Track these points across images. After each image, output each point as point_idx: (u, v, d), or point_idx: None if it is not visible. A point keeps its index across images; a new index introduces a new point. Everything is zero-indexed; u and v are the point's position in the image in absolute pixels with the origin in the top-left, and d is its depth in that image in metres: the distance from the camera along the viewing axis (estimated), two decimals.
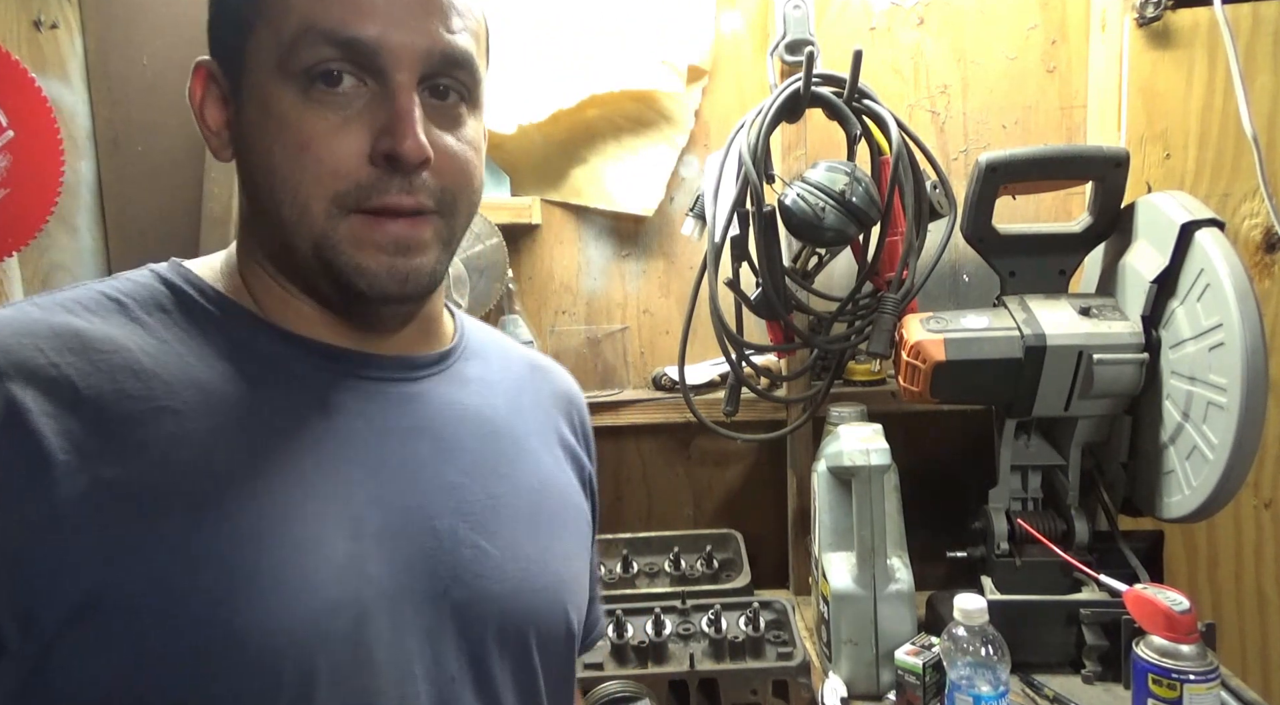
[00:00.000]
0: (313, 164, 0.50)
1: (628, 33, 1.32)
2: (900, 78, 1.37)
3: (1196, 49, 1.26)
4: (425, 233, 0.54)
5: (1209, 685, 0.81)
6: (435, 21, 0.52)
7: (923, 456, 1.32)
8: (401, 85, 0.51)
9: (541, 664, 0.61)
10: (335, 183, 0.51)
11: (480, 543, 0.57)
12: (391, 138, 0.50)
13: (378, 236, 0.52)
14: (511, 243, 1.36)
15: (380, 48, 0.50)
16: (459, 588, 0.56)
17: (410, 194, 0.52)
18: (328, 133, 0.50)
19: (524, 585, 0.59)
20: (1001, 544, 1.07)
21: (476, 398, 0.64)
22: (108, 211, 1.31)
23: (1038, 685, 1.01)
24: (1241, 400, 0.89)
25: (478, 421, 0.62)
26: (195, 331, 0.52)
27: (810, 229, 1.08)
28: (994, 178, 1.07)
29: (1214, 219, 0.96)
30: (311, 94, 0.50)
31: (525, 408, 0.69)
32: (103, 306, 0.51)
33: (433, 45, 0.52)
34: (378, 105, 0.51)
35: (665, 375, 1.39)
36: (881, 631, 1.04)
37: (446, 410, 0.61)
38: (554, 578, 0.63)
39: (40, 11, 1.26)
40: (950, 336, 1.03)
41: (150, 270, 0.55)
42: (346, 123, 0.51)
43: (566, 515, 0.68)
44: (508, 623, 0.58)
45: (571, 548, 0.67)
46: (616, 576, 1.26)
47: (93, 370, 0.47)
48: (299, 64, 0.50)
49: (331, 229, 0.52)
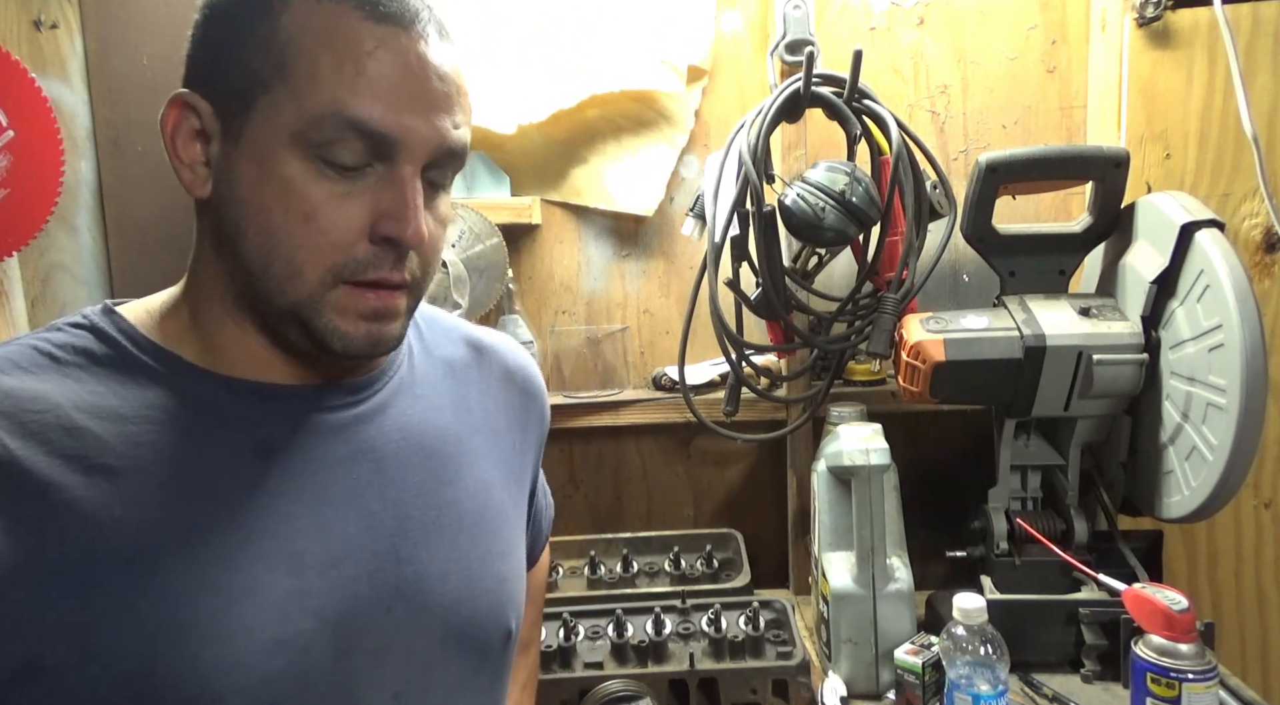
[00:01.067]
0: (316, 234, 0.52)
1: (627, 32, 1.32)
2: (900, 78, 1.37)
3: (1196, 49, 1.26)
4: (401, 303, 0.57)
5: (1207, 684, 0.81)
6: (445, 117, 0.54)
7: (923, 456, 1.32)
8: (409, 174, 0.54)
9: (483, 666, 0.64)
10: (335, 254, 0.53)
11: (421, 557, 0.60)
12: (396, 224, 0.53)
13: (361, 306, 0.54)
14: (511, 243, 1.36)
15: (399, 141, 0.52)
16: (401, 604, 0.58)
17: (399, 270, 0.55)
18: (334, 207, 0.52)
19: (465, 593, 0.62)
20: (1001, 544, 1.07)
21: (419, 405, 0.65)
22: (108, 211, 1.31)
23: (1037, 684, 1.02)
24: (1241, 401, 0.89)
25: (420, 433, 0.63)
26: (129, 382, 0.53)
27: (810, 229, 1.09)
28: (994, 178, 1.07)
29: (1214, 219, 0.96)
30: (321, 167, 0.52)
31: (470, 400, 0.70)
32: (35, 363, 0.51)
33: (442, 141, 0.54)
34: (383, 187, 0.53)
35: (665, 375, 1.39)
36: (881, 631, 1.04)
37: (388, 428, 0.62)
38: (495, 580, 0.65)
39: (40, 11, 1.26)
40: (950, 336, 1.03)
41: (84, 317, 0.55)
42: (351, 199, 0.53)
43: (506, 510, 0.70)
44: (450, 632, 0.61)
45: (513, 538, 0.70)
46: (616, 576, 1.26)
47: (23, 433, 0.47)
48: (317, 139, 0.51)
49: (320, 295, 0.54)
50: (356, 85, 0.51)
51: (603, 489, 1.46)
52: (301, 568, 0.53)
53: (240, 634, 0.50)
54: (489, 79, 1.32)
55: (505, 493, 0.70)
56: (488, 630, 0.64)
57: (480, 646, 0.63)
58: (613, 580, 1.25)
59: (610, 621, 1.09)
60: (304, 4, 0.51)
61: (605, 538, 1.35)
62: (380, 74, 0.51)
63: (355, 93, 0.51)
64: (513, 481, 0.72)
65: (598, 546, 1.32)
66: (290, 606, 0.52)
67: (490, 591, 0.64)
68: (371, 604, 0.56)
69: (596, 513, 1.46)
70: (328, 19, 0.51)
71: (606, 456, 1.45)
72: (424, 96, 0.53)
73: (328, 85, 0.51)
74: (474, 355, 0.73)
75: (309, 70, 0.51)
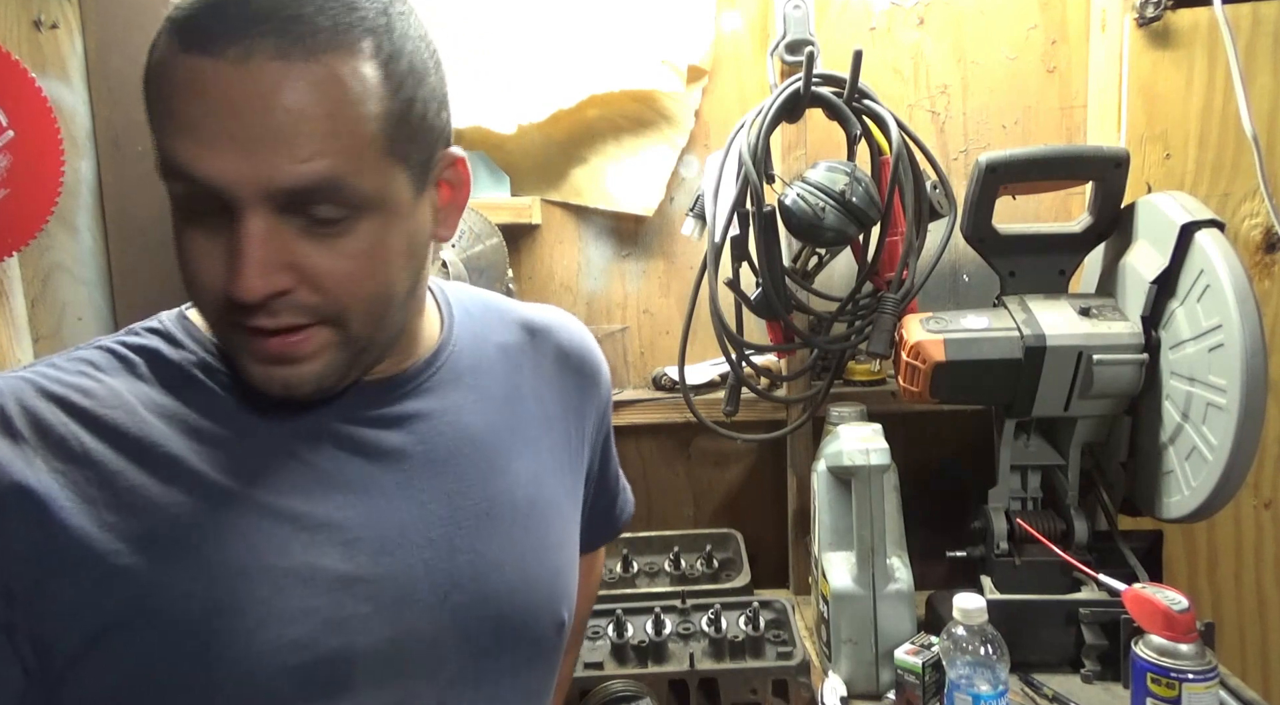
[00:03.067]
0: (192, 278, 0.52)
1: (627, 32, 1.32)
2: (900, 78, 1.37)
3: (1196, 49, 1.26)
4: (304, 345, 0.52)
5: (1207, 684, 0.81)
6: (278, 154, 0.47)
7: (923, 456, 1.32)
8: (244, 221, 0.48)
9: (536, 656, 0.64)
10: (213, 302, 0.51)
11: (476, 547, 0.60)
12: (229, 278, 0.49)
13: (255, 350, 0.52)
14: (511, 243, 1.36)
15: (221, 186, 0.47)
16: (458, 593, 0.58)
17: (272, 316, 0.50)
18: (199, 258, 0.51)
19: (520, 584, 0.62)
20: (1001, 544, 1.07)
21: (470, 396, 0.64)
22: (108, 211, 1.31)
23: (1037, 684, 1.02)
24: (1241, 401, 0.89)
25: (470, 424, 0.63)
26: (193, 382, 0.56)
27: (810, 229, 1.09)
28: (994, 178, 1.07)
29: (1214, 219, 0.96)
30: (187, 217, 0.51)
31: (524, 387, 0.69)
32: (111, 365, 0.54)
33: (272, 180, 0.47)
34: (231, 238, 0.49)
35: (665, 375, 1.39)
36: (881, 631, 1.04)
37: (437, 420, 0.61)
38: (550, 570, 0.65)
39: (40, 11, 1.26)
40: (950, 336, 1.03)
41: (159, 322, 0.58)
42: (210, 253, 0.50)
43: (560, 500, 0.69)
44: (505, 621, 0.61)
45: (567, 529, 0.69)
46: (616, 576, 1.26)
47: (97, 428, 0.51)
48: (173, 190, 0.50)
49: (223, 335, 0.54)
50: (169, 128, 0.47)
51: None
52: (355, 554, 0.54)
53: (294, 616, 0.51)
54: (489, 79, 1.32)
55: (559, 482, 0.70)
56: (541, 621, 0.64)
57: (533, 637, 0.63)
58: (613, 580, 1.25)
59: (610, 621, 1.09)
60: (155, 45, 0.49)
61: None
62: (187, 112, 0.47)
63: (171, 136, 0.47)
64: (567, 470, 0.71)
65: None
66: (343, 592, 0.53)
67: (544, 583, 0.64)
68: (427, 591, 0.57)
69: None
70: (161, 56, 0.48)
71: None
72: (242, 132, 0.46)
73: (156, 131, 0.49)
74: (528, 338, 0.72)
75: (151, 114, 0.49)
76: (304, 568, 0.52)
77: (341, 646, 0.53)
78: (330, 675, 0.52)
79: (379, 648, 0.54)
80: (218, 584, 0.50)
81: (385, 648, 0.54)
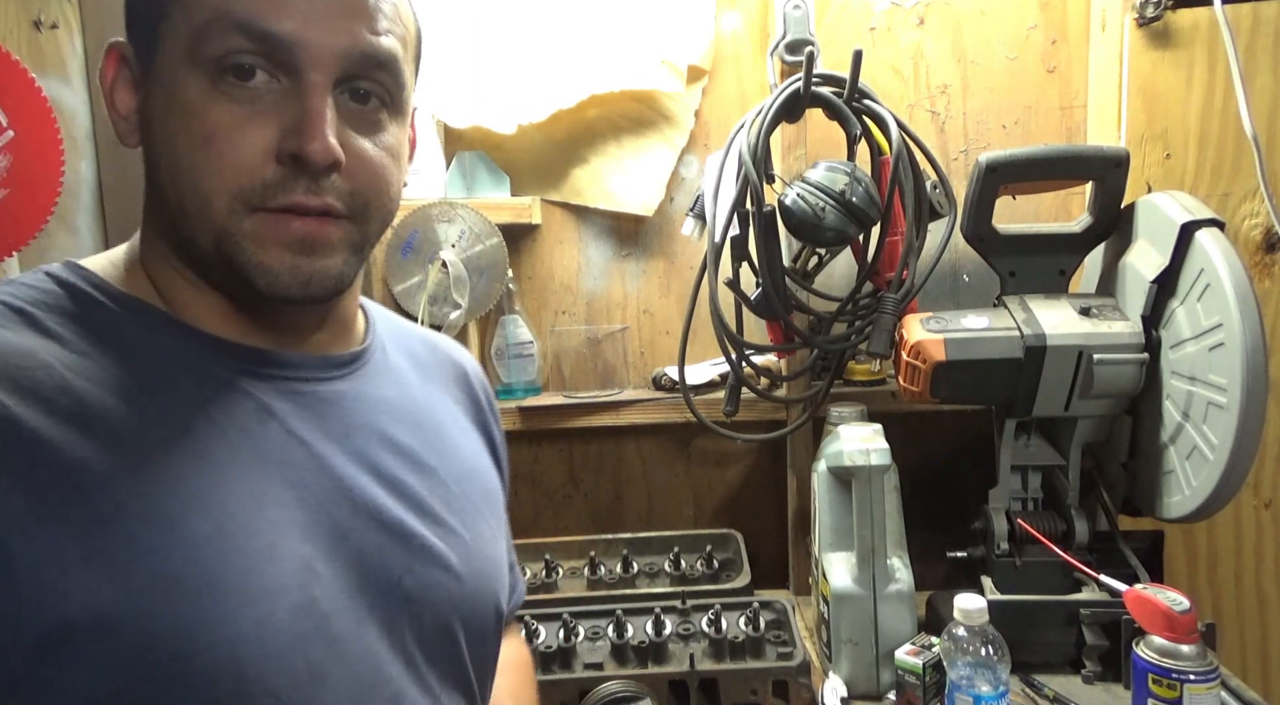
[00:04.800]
0: (215, 157, 0.48)
1: (627, 32, 1.32)
2: (900, 78, 1.37)
3: (1196, 49, 1.26)
4: (333, 234, 0.52)
5: (1209, 685, 0.81)
6: (359, 21, 0.50)
7: (923, 456, 1.32)
8: (315, 84, 0.49)
9: (481, 643, 0.64)
10: (238, 179, 0.49)
11: (425, 533, 0.59)
12: (299, 137, 0.48)
13: (281, 234, 0.50)
14: (511, 243, 1.36)
15: (296, 44, 0.48)
16: (411, 577, 0.57)
17: (317, 195, 0.50)
18: (234, 127, 0.48)
19: (465, 570, 0.62)
20: (1001, 544, 1.07)
21: (397, 390, 0.64)
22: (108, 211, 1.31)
23: (1038, 685, 1.01)
24: (1241, 400, 0.89)
25: (403, 415, 0.63)
26: (110, 338, 0.49)
27: (810, 229, 1.08)
28: (994, 178, 1.07)
29: (1214, 219, 0.96)
30: (220, 85, 0.48)
31: (436, 392, 0.70)
32: (6, 317, 0.47)
33: (353, 45, 0.50)
34: (289, 102, 0.49)
35: (665, 375, 1.39)
36: (881, 631, 1.04)
37: (375, 406, 0.61)
38: (490, 561, 0.66)
39: (40, 11, 1.26)
40: (950, 336, 1.03)
41: (46, 274, 0.51)
42: (254, 117, 0.49)
43: (488, 498, 0.70)
44: (456, 606, 0.60)
45: (493, 529, 0.69)
46: (616, 577, 1.26)
47: (18, 389, 0.43)
48: (210, 52, 0.48)
49: (234, 225, 0.50)
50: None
51: (603, 489, 1.46)
52: (313, 536, 0.52)
53: (271, 595, 0.48)
54: (489, 79, 1.32)
55: (485, 481, 0.70)
56: (485, 606, 0.64)
57: (479, 622, 0.64)
58: (613, 581, 1.25)
59: (610, 622, 1.09)
60: None
61: (605, 538, 1.35)
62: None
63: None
64: (489, 473, 0.72)
65: (598, 547, 1.32)
66: (307, 573, 0.50)
67: (486, 571, 0.65)
68: (382, 575, 0.55)
69: (596, 513, 1.46)
70: None
71: (606, 456, 1.45)
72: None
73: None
74: (431, 354, 0.73)
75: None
76: (270, 547, 0.49)
77: (315, 630, 0.50)
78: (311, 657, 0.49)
79: (349, 629, 0.52)
80: (189, 563, 0.45)
81: (354, 629, 0.52)
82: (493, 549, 0.67)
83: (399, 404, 0.63)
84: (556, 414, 1.36)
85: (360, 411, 0.59)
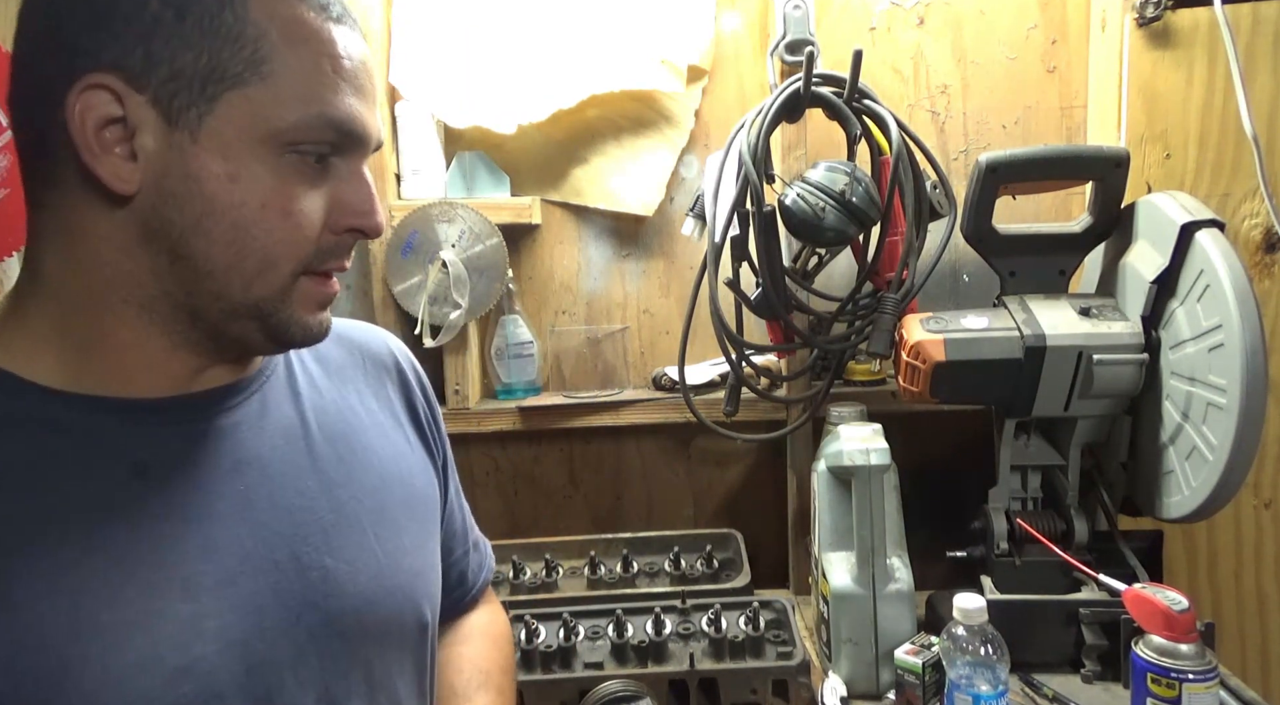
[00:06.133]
0: (293, 229, 0.53)
1: (627, 32, 1.32)
2: (900, 78, 1.37)
3: (1196, 49, 1.26)
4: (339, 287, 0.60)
5: (1208, 684, 0.81)
6: (374, 109, 0.58)
7: (923, 456, 1.32)
8: (363, 167, 0.57)
9: (401, 660, 0.64)
10: (306, 247, 0.54)
11: (325, 562, 0.58)
12: (363, 217, 0.56)
13: (321, 295, 0.57)
14: (511, 243, 1.36)
15: (362, 137, 0.55)
16: (311, 612, 0.57)
17: (349, 258, 0.59)
18: (306, 201, 0.54)
19: (377, 590, 0.61)
20: (1001, 544, 1.07)
21: (302, 405, 0.63)
22: None
23: (1037, 684, 1.02)
24: (1241, 401, 0.89)
25: (306, 435, 0.62)
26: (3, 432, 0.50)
27: (810, 229, 1.09)
28: (994, 178, 1.07)
29: (1214, 219, 0.96)
30: (297, 164, 0.53)
31: (351, 396, 0.69)
32: None
33: (379, 133, 0.58)
34: (343, 180, 0.56)
35: (665, 375, 1.39)
36: (881, 631, 1.04)
37: (271, 432, 0.60)
38: (407, 574, 0.65)
39: None
40: (950, 336, 1.03)
41: None
42: (317, 193, 0.55)
43: (413, 502, 0.69)
44: (368, 632, 0.60)
45: (420, 534, 0.69)
46: (616, 576, 1.26)
47: None
48: (298, 139, 0.52)
49: (290, 287, 0.55)
50: (336, 85, 0.53)
51: (603, 489, 1.46)
52: (196, 591, 0.52)
53: (137, 670, 0.48)
54: (489, 79, 1.32)
55: (407, 487, 0.69)
56: (404, 622, 0.64)
57: (397, 640, 0.63)
58: (613, 580, 1.25)
59: (610, 621, 1.09)
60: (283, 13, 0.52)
61: (605, 538, 1.35)
62: (349, 73, 0.54)
63: (336, 92, 0.53)
64: (417, 472, 0.71)
65: (598, 546, 1.32)
66: (188, 633, 0.50)
67: (403, 587, 0.64)
68: (278, 616, 0.55)
69: (596, 513, 1.46)
70: (293, 13, 0.52)
71: (606, 456, 1.45)
72: (370, 92, 0.56)
73: (311, 85, 0.52)
74: (345, 353, 0.72)
75: (291, 69, 0.51)
76: (140, 615, 0.49)
77: (195, 691, 0.50)
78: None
79: (237, 682, 0.52)
80: (41, 651, 0.45)
81: (243, 680, 0.52)
82: (413, 560, 0.66)
83: (305, 421, 0.63)
84: (556, 414, 1.36)
85: (253, 442, 0.58)
